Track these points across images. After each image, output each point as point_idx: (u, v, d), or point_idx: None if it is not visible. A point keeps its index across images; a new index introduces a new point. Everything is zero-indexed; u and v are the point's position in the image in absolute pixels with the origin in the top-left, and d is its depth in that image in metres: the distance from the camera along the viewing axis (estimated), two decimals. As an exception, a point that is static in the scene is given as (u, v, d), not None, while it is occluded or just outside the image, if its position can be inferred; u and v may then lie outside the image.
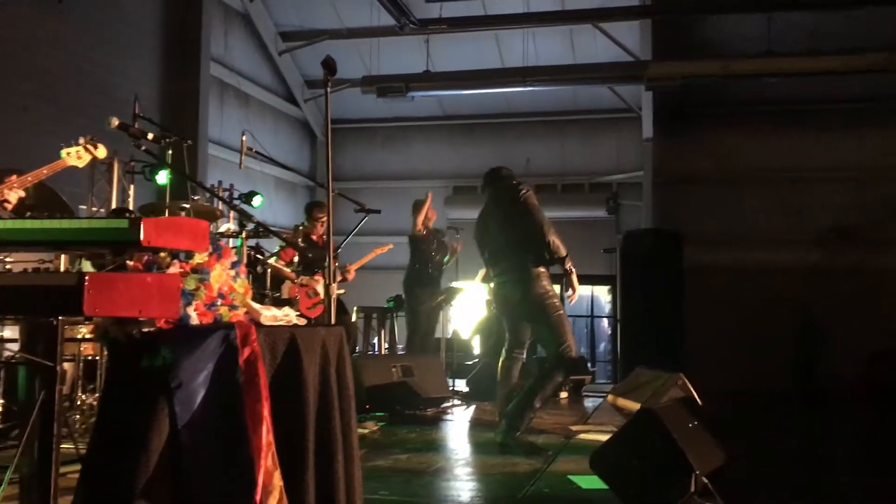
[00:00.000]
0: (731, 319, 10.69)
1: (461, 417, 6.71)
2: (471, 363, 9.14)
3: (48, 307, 2.12)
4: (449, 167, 12.98)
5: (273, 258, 6.62)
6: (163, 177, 5.49)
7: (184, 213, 5.11)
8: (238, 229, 5.95)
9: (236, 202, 6.25)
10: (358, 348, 8.53)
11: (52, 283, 2.11)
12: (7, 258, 2.80)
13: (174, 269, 2.36)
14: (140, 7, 9.03)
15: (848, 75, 10.24)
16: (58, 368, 2.19)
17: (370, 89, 10.88)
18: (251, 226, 5.79)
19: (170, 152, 4.86)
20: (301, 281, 6.58)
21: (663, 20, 11.06)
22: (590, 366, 9.81)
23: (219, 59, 10.56)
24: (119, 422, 2.22)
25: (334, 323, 3.15)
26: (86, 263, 3.38)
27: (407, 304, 8.23)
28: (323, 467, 2.42)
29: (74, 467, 3.12)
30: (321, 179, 11.24)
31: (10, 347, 3.97)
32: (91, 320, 2.55)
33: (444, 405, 6.99)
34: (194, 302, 2.38)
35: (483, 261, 5.51)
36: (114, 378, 2.38)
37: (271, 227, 4.98)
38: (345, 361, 2.64)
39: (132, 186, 6.83)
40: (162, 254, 2.35)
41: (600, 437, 5.06)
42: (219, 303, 2.45)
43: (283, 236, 5.62)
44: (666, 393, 5.51)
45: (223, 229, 6.20)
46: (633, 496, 3.52)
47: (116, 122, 3.80)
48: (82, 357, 5.05)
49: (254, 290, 5.87)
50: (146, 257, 2.33)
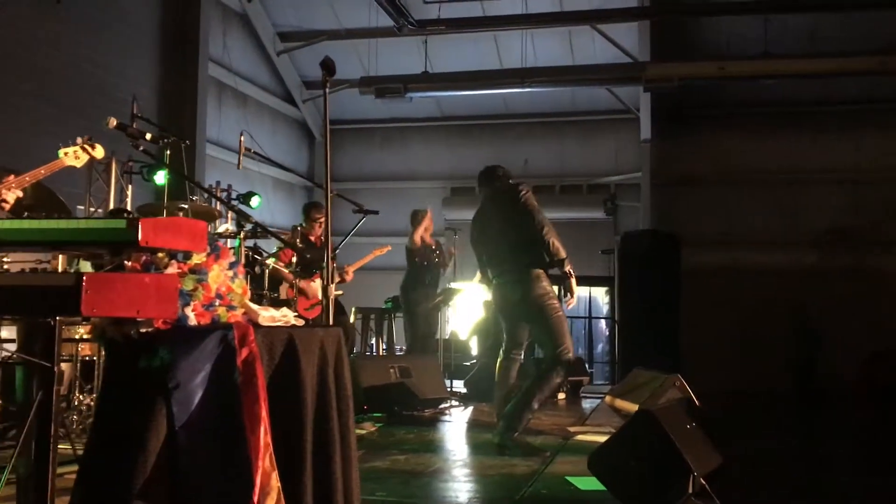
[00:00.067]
0: (730, 320, 10.71)
1: (459, 418, 6.71)
2: (469, 364, 9.14)
3: (46, 307, 2.12)
4: (447, 168, 12.98)
5: (272, 259, 6.62)
6: (161, 177, 5.48)
7: (182, 214, 5.11)
8: (236, 230, 5.96)
9: (234, 203, 6.24)
10: (356, 349, 8.52)
11: (50, 284, 2.11)
12: (5, 258, 2.80)
13: (172, 270, 2.36)
14: (139, 7, 9.03)
15: (844, 77, 10.26)
16: (55, 369, 2.19)
17: (368, 90, 10.87)
18: (249, 226, 5.79)
19: (168, 152, 4.85)
20: (298, 285, 6.57)
21: (661, 21, 11.08)
22: (587, 367, 9.80)
23: (217, 60, 10.55)
24: (117, 422, 2.22)
25: (332, 324, 3.15)
26: (84, 264, 3.38)
27: (404, 307, 8.22)
28: (321, 468, 2.42)
29: (72, 468, 3.11)
30: (319, 180, 11.24)
31: (8, 348, 3.97)
32: (89, 320, 2.54)
33: (442, 406, 6.99)
34: (192, 302, 2.38)
35: (479, 262, 5.47)
36: (111, 378, 2.38)
37: (269, 228, 4.97)
38: (343, 362, 2.64)
39: (130, 187, 6.82)
40: (160, 254, 2.35)
41: (598, 439, 5.06)
42: (217, 303, 2.45)
43: (282, 237, 5.62)
44: (664, 394, 5.53)
45: (221, 230, 6.20)
46: (631, 497, 3.52)
47: (114, 123, 3.79)
48: (80, 357, 5.05)
49: (252, 291, 5.89)
50: (144, 258, 2.33)
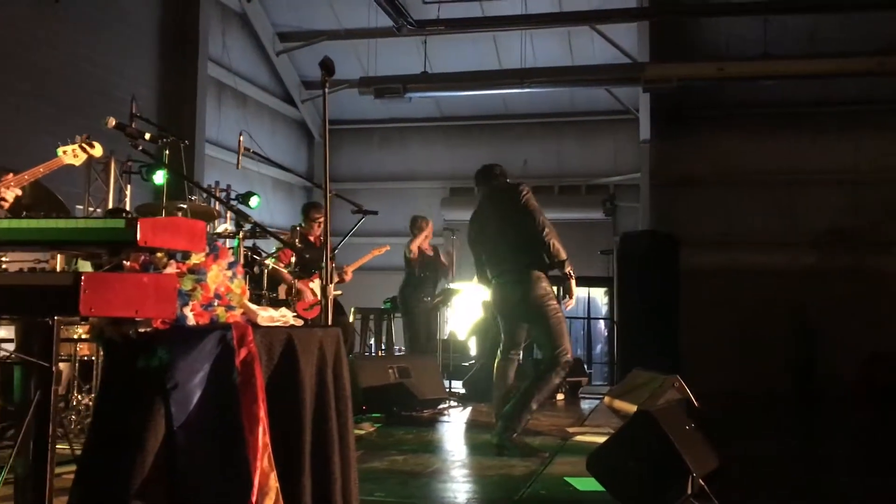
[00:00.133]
0: (729, 321, 10.70)
1: (458, 419, 6.71)
2: (467, 364, 9.14)
3: (44, 307, 2.12)
4: (446, 168, 12.97)
5: (271, 259, 6.61)
6: (160, 177, 5.47)
7: (181, 214, 5.10)
8: (235, 230, 5.95)
9: (233, 203, 6.24)
10: (355, 349, 8.52)
11: (48, 283, 2.10)
12: (3, 258, 2.79)
13: (171, 270, 2.35)
14: (138, 7, 9.02)
15: (844, 78, 10.25)
16: (53, 368, 2.19)
17: (368, 90, 10.86)
18: (248, 226, 5.79)
19: (167, 152, 4.85)
20: (297, 285, 6.57)
21: (660, 22, 11.07)
22: (586, 368, 9.80)
23: (216, 60, 10.55)
24: (115, 422, 2.21)
25: (331, 324, 3.14)
26: (84, 263, 3.38)
27: (402, 309, 8.22)
28: (319, 469, 2.42)
29: (70, 468, 3.11)
30: (318, 180, 11.24)
31: (6, 347, 3.96)
32: (87, 320, 2.54)
33: (441, 406, 6.99)
34: (191, 302, 2.38)
35: (477, 262, 5.46)
36: (110, 378, 2.37)
37: (268, 228, 4.96)
38: (341, 362, 2.63)
39: (129, 186, 6.82)
40: (159, 254, 2.35)
41: (597, 439, 5.06)
42: (215, 303, 2.45)
43: (281, 237, 5.61)
44: (663, 395, 5.52)
45: (220, 230, 6.20)
46: (630, 498, 3.52)
47: (113, 122, 3.79)
48: (78, 357, 5.05)
49: (251, 291, 5.88)
50: (143, 257, 2.33)
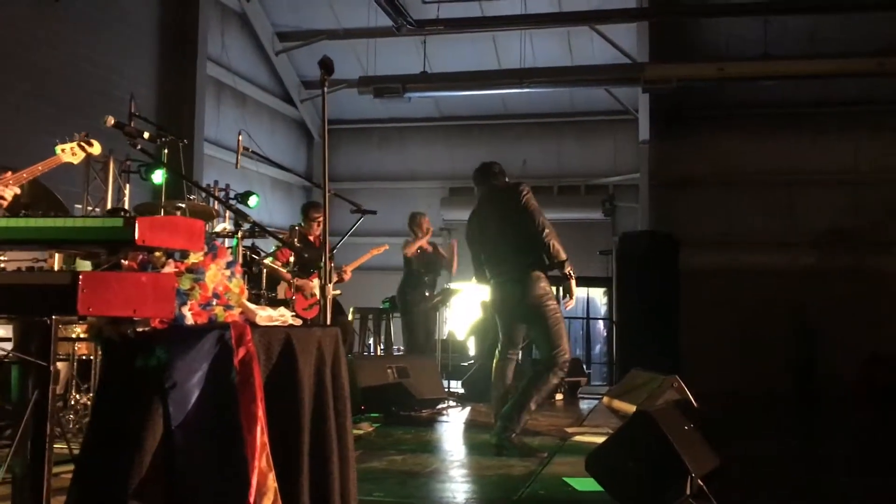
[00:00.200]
0: (729, 321, 10.69)
1: (456, 419, 6.71)
2: (466, 364, 9.14)
3: (42, 306, 2.11)
4: (445, 168, 12.96)
5: (269, 259, 6.61)
6: (158, 176, 5.47)
7: (179, 213, 5.10)
8: (234, 229, 5.94)
9: (232, 202, 6.23)
10: (354, 349, 8.52)
11: (46, 282, 2.10)
12: (1, 257, 2.79)
13: (169, 269, 2.35)
14: (138, 7, 9.01)
15: (844, 78, 10.25)
16: (51, 368, 2.18)
17: (367, 90, 10.86)
18: (247, 226, 5.78)
19: (165, 151, 4.84)
20: (296, 284, 6.57)
21: (660, 22, 11.07)
22: (585, 368, 9.79)
23: (215, 59, 10.54)
24: (113, 422, 2.21)
25: (330, 324, 3.14)
26: (83, 263, 3.37)
27: (401, 308, 8.21)
28: (318, 469, 2.41)
29: (67, 467, 3.10)
30: (317, 180, 11.23)
31: (4, 346, 3.95)
32: (85, 320, 2.53)
33: (440, 406, 6.98)
34: (189, 302, 2.37)
35: (475, 261, 5.45)
36: (108, 378, 2.37)
37: (267, 228, 4.96)
38: (340, 362, 2.63)
39: (128, 185, 6.81)
40: (157, 253, 2.34)
41: (596, 440, 5.06)
42: (214, 303, 2.44)
43: (280, 236, 5.61)
44: (662, 395, 5.51)
45: (219, 229, 6.19)
46: (629, 498, 3.52)
47: (112, 121, 3.78)
48: (77, 356, 5.04)
49: (249, 291, 5.88)
50: (141, 256, 2.32)
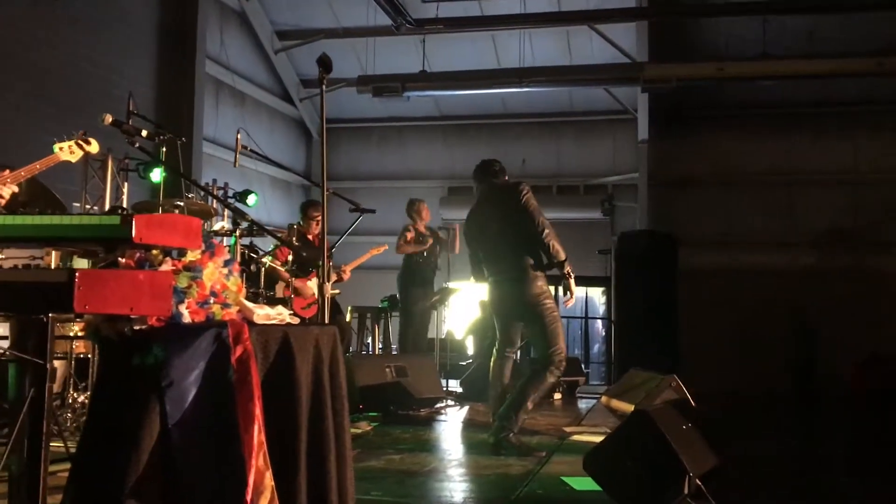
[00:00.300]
0: (729, 321, 10.69)
1: (454, 418, 6.70)
2: (464, 364, 9.13)
3: (38, 304, 2.10)
4: (444, 167, 12.96)
5: (268, 257, 6.59)
6: (157, 174, 5.45)
7: (177, 211, 5.08)
8: (232, 228, 5.93)
9: (231, 201, 6.21)
10: (352, 348, 8.51)
11: (43, 280, 2.09)
12: (-1, 255, 2.79)
13: (166, 267, 2.34)
14: (137, 6, 9.00)
15: (843, 78, 10.25)
16: (48, 366, 2.18)
17: (366, 89, 10.85)
18: (245, 224, 5.77)
19: (164, 150, 4.83)
20: (293, 285, 6.55)
21: (660, 22, 11.07)
22: (584, 367, 9.79)
23: (214, 58, 10.53)
24: (110, 420, 2.20)
25: (328, 323, 3.13)
26: (80, 261, 3.36)
27: (401, 304, 8.21)
28: (315, 467, 2.41)
29: (64, 466, 3.10)
30: (316, 179, 11.20)
31: (1, 344, 3.94)
32: (82, 317, 2.53)
33: (438, 406, 6.98)
34: (186, 300, 2.37)
35: (473, 259, 5.45)
36: (104, 376, 2.36)
37: (266, 226, 4.94)
38: (338, 361, 2.62)
39: (126, 184, 6.80)
40: (154, 251, 2.34)
41: (594, 439, 5.06)
42: (211, 301, 2.43)
43: (278, 235, 5.59)
44: (660, 395, 5.52)
45: (217, 227, 6.17)
46: (627, 498, 3.51)
47: (110, 119, 3.78)
48: (74, 355, 5.03)
49: (247, 289, 5.86)
50: (138, 254, 2.31)
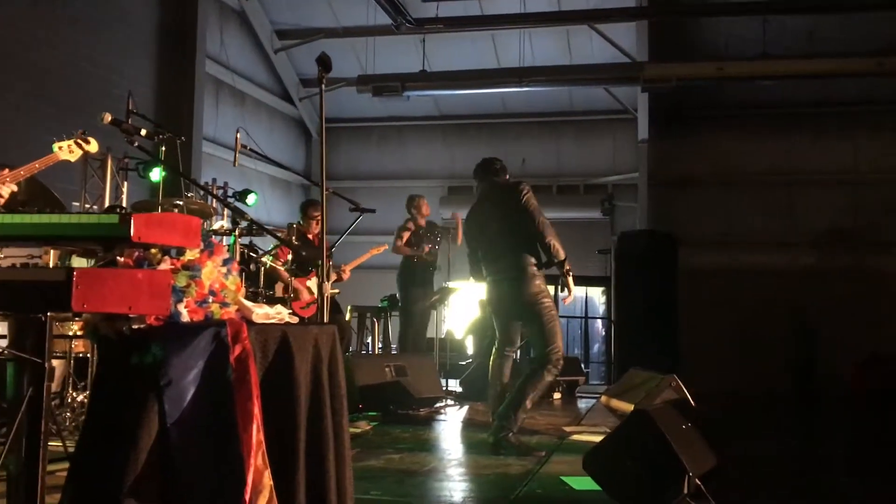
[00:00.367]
0: (729, 321, 10.69)
1: (454, 417, 6.70)
2: (464, 363, 9.13)
3: (36, 302, 2.10)
4: (444, 167, 12.96)
5: (268, 257, 6.59)
6: (156, 174, 5.44)
7: (176, 210, 5.08)
8: (231, 227, 5.93)
9: (230, 200, 6.21)
10: (352, 348, 8.50)
11: (41, 279, 2.08)
12: (-3, 254, 2.78)
13: (165, 266, 2.34)
14: (137, 6, 9.00)
15: (843, 78, 10.25)
16: (46, 365, 2.17)
17: (366, 88, 10.85)
18: (244, 223, 5.76)
19: (163, 149, 4.83)
20: (293, 287, 6.55)
21: (660, 22, 11.07)
22: (583, 367, 9.79)
23: (214, 57, 10.53)
24: (108, 419, 2.20)
25: (328, 322, 3.12)
26: (80, 260, 3.35)
27: (401, 303, 8.21)
28: (314, 467, 2.40)
29: (63, 465, 3.09)
30: (316, 178, 11.20)
31: None
32: (80, 316, 2.52)
33: (438, 405, 6.98)
34: (185, 299, 2.36)
35: (472, 257, 5.45)
36: (103, 375, 2.36)
37: (265, 226, 4.94)
38: (337, 360, 2.62)
39: (126, 183, 6.80)
40: (153, 250, 2.33)
41: (594, 439, 5.05)
42: (210, 300, 2.43)
43: (278, 235, 5.59)
44: (660, 394, 5.51)
45: (216, 227, 6.17)
46: (627, 498, 3.51)
47: (109, 118, 3.78)
48: (74, 354, 5.03)
49: (247, 289, 5.86)
50: (137, 253, 2.31)
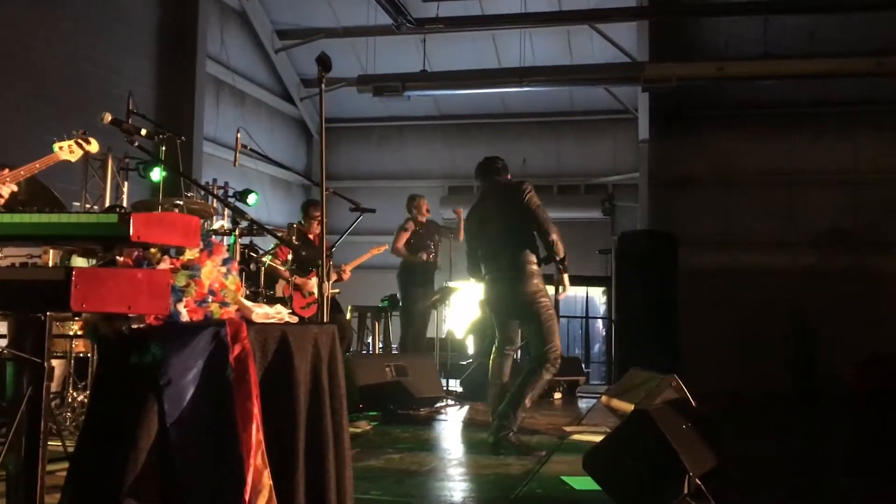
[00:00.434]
0: (729, 321, 10.69)
1: (454, 417, 6.70)
2: (465, 363, 9.13)
3: (36, 302, 2.10)
4: (444, 167, 12.96)
5: (268, 257, 6.59)
6: (157, 173, 5.44)
7: (177, 210, 5.08)
8: (231, 227, 5.93)
9: (231, 200, 6.21)
10: (352, 348, 8.50)
11: (40, 278, 2.08)
12: (-3, 254, 2.78)
13: (164, 265, 2.34)
14: (137, 5, 9.00)
15: (843, 78, 10.24)
16: (45, 364, 2.17)
17: (366, 88, 10.85)
18: (244, 223, 5.76)
19: (163, 149, 4.83)
20: (294, 282, 6.56)
21: (660, 22, 11.06)
22: (584, 367, 9.79)
23: (215, 57, 10.53)
24: (108, 419, 2.20)
25: (328, 322, 3.12)
26: (80, 260, 3.35)
27: (402, 303, 8.21)
28: (313, 467, 2.40)
29: (62, 465, 3.09)
30: (317, 178, 11.20)
31: (-1, 343, 3.94)
32: (79, 316, 2.53)
33: (438, 405, 6.97)
34: (184, 298, 2.36)
35: (471, 256, 5.45)
36: (103, 375, 2.36)
37: (265, 226, 4.94)
38: (337, 360, 2.62)
39: (126, 183, 6.80)
40: (152, 250, 2.33)
41: (594, 438, 5.05)
42: (209, 299, 2.43)
43: (278, 235, 5.59)
44: (660, 394, 5.50)
45: (216, 226, 6.17)
46: (627, 498, 3.50)
47: (109, 118, 3.78)
48: (74, 354, 5.03)
49: (248, 289, 5.86)
50: (136, 253, 2.31)
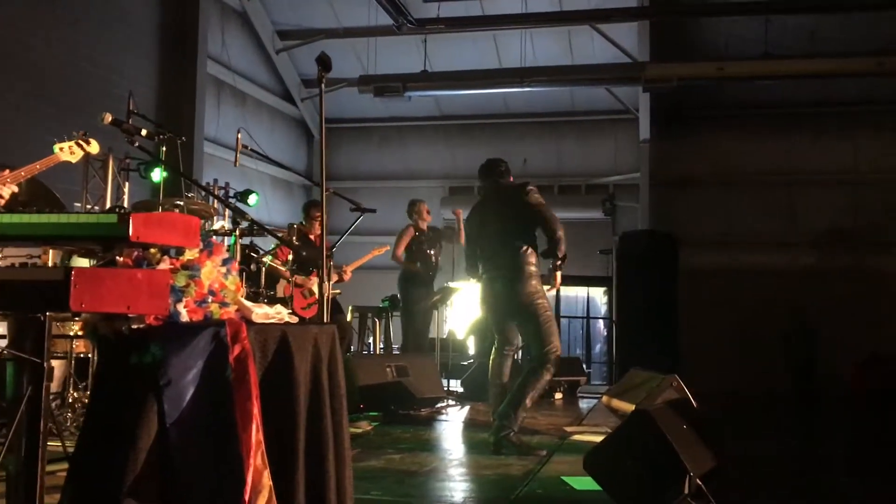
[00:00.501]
0: (729, 321, 10.68)
1: (455, 418, 6.70)
2: (466, 363, 9.13)
3: (35, 302, 2.10)
4: (445, 167, 12.96)
5: (268, 257, 6.60)
6: (157, 174, 5.45)
7: (177, 211, 5.08)
8: (232, 227, 5.93)
9: (232, 200, 6.21)
10: (353, 348, 8.50)
11: (40, 278, 2.08)
12: (-3, 254, 2.78)
13: (164, 266, 2.34)
14: (138, 6, 9.00)
15: (843, 78, 10.24)
16: (45, 364, 2.17)
17: (367, 89, 10.85)
18: (245, 224, 5.77)
19: (164, 149, 4.83)
20: (296, 281, 6.56)
21: (661, 22, 11.06)
22: (585, 367, 9.78)
23: (216, 58, 10.53)
24: (108, 419, 2.20)
25: (329, 322, 3.12)
26: (82, 260, 3.35)
27: (402, 304, 8.21)
28: (313, 467, 2.40)
29: (62, 465, 3.09)
30: (317, 178, 11.21)
31: (-1, 343, 3.94)
32: (79, 316, 2.53)
33: (439, 405, 6.97)
34: (184, 298, 2.36)
35: (471, 256, 5.45)
36: (103, 375, 2.36)
37: (266, 226, 4.94)
38: (337, 360, 2.62)
39: (127, 184, 6.80)
40: (152, 250, 2.33)
41: (594, 438, 5.05)
42: (209, 300, 2.43)
43: (278, 235, 5.60)
44: (660, 394, 5.49)
45: (217, 227, 6.17)
46: (627, 498, 3.50)
47: (110, 118, 3.78)
48: (74, 354, 5.03)
49: (248, 289, 5.86)
50: (136, 253, 2.31)
